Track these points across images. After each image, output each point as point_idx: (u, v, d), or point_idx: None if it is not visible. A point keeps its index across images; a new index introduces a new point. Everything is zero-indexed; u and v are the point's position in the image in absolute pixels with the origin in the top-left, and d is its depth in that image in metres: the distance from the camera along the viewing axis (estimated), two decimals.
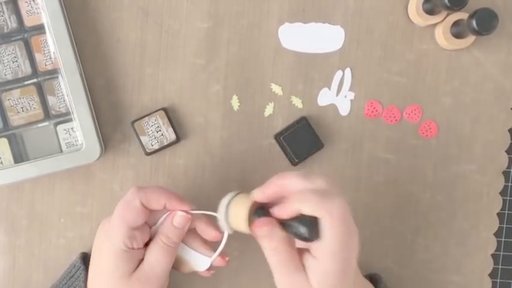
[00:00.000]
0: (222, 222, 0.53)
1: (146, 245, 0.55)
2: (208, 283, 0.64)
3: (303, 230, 0.49)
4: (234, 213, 0.52)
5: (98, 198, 0.63)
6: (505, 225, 0.66)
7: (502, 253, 0.66)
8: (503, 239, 0.66)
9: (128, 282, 0.53)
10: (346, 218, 0.48)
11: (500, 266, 0.66)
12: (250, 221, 0.51)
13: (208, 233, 0.56)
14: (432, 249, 0.65)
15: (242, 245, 0.64)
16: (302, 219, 0.49)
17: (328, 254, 0.48)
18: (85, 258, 0.60)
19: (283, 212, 0.50)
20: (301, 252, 0.51)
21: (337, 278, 0.49)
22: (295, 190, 0.50)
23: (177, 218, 0.54)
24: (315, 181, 0.50)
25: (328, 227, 0.48)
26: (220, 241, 0.55)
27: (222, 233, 0.54)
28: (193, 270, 0.57)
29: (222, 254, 0.56)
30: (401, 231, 0.65)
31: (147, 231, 0.54)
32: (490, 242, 0.65)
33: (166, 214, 0.55)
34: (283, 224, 0.50)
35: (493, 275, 0.65)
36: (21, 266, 0.64)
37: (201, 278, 0.64)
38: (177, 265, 0.57)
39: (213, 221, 0.55)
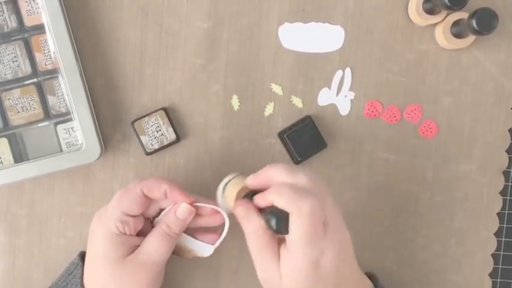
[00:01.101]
0: (219, 201, 0.56)
1: (139, 234, 0.55)
2: (209, 283, 0.64)
3: (272, 221, 0.50)
4: (227, 194, 0.54)
5: (98, 198, 0.63)
6: (505, 225, 0.66)
7: (502, 253, 0.66)
8: (503, 239, 0.66)
9: (121, 265, 0.53)
10: (315, 219, 0.48)
11: (500, 266, 0.66)
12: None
13: (211, 219, 0.56)
14: (432, 249, 0.65)
15: (242, 245, 0.64)
16: (274, 211, 0.50)
17: (296, 249, 0.49)
18: (84, 256, 0.60)
19: (261, 200, 0.52)
20: (281, 242, 0.51)
21: (306, 274, 0.49)
22: (277, 181, 0.51)
23: (180, 209, 0.55)
24: (298, 177, 0.51)
25: (295, 224, 0.49)
26: (223, 227, 0.56)
27: (223, 219, 0.56)
28: (196, 256, 0.57)
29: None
30: (401, 231, 0.65)
31: (140, 220, 0.55)
32: (490, 242, 0.65)
33: (171, 206, 0.56)
34: (261, 211, 0.52)
35: (493, 275, 0.65)
36: (21, 266, 0.64)
37: (201, 277, 0.64)
38: (180, 252, 0.57)
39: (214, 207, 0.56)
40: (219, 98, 0.64)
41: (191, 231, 0.57)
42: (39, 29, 0.60)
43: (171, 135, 0.62)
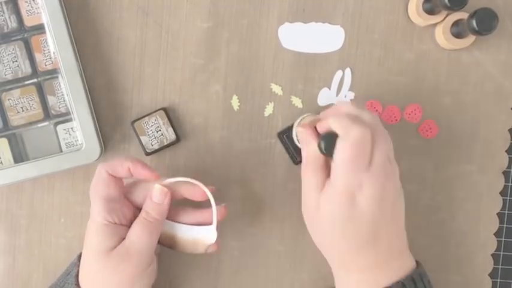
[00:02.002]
0: (294, 132, 0.61)
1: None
2: (208, 283, 0.64)
3: (322, 142, 0.52)
4: (300, 125, 0.58)
5: None
6: (505, 225, 0.66)
7: (502, 253, 0.66)
8: (503, 239, 0.66)
9: (108, 257, 0.53)
10: (360, 146, 0.50)
11: (500, 266, 0.66)
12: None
13: (194, 193, 0.56)
14: (432, 249, 0.65)
15: (242, 245, 0.64)
16: (327, 134, 0.52)
17: (336, 173, 0.51)
18: None
19: (321, 124, 0.54)
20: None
21: (340, 204, 0.51)
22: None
23: (154, 192, 0.55)
24: (364, 112, 0.53)
25: (340, 146, 0.50)
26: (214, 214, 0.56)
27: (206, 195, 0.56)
28: (205, 248, 0.57)
29: (219, 208, 0.57)
30: None
31: (128, 206, 0.55)
32: (490, 242, 0.65)
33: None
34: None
35: (493, 275, 0.65)
36: (21, 266, 0.64)
37: (201, 277, 0.64)
38: (188, 248, 0.57)
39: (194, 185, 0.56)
40: (219, 98, 0.64)
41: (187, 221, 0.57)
42: (39, 29, 0.60)
43: (171, 135, 0.62)
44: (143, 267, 0.54)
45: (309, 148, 0.54)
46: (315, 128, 0.55)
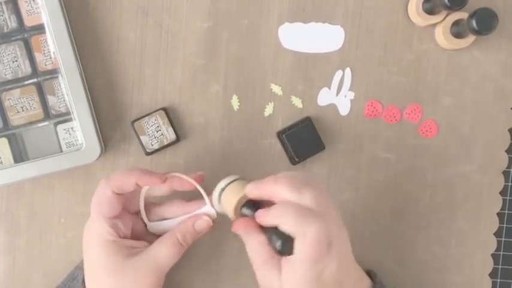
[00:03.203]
0: (214, 202, 0.55)
1: (132, 233, 0.55)
2: (209, 283, 0.64)
3: (277, 243, 0.50)
4: (225, 200, 0.54)
5: None
6: (505, 225, 0.66)
7: (502, 253, 0.66)
8: (503, 239, 0.66)
9: (123, 269, 0.53)
10: (320, 243, 0.48)
11: (500, 266, 0.66)
12: (237, 212, 0.53)
13: (183, 184, 0.55)
14: (432, 249, 0.65)
15: (242, 245, 0.64)
16: (279, 232, 0.49)
17: (301, 267, 0.49)
18: None
19: (264, 218, 0.51)
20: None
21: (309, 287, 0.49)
22: (282, 199, 0.50)
23: (200, 222, 0.55)
24: (304, 196, 0.49)
25: (300, 247, 0.48)
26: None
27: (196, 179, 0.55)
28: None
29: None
30: (401, 231, 0.65)
31: (128, 217, 0.55)
32: (490, 242, 0.65)
33: (190, 215, 0.56)
34: (263, 228, 0.51)
35: (493, 275, 0.65)
36: (21, 266, 0.64)
37: (201, 277, 0.64)
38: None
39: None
40: (219, 98, 0.64)
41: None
42: (39, 29, 0.60)
43: (171, 135, 0.62)
44: (157, 283, 0.54)
45: (253, 242, 0.51)
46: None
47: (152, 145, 0.62)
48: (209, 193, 0.56)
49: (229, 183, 0.54)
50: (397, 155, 0.64)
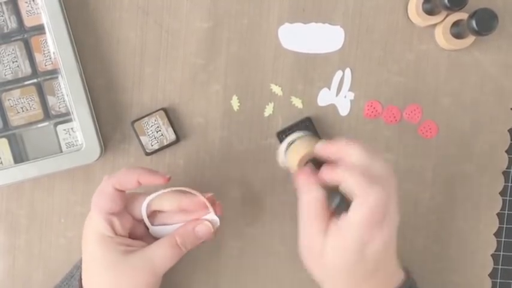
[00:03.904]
0: (281, 159, 0.57)
1: (133, 236, 0.55)
2: (209, 283, 0.64)
3: (335, 200, 0.50)
4: (292, 151, 0.55)
5: None
6: (505, 225, 0.66)
7: (502, 253, 0.66)
8: (503, 239, 0.66)
9: (119, 267, 0.52)
10: (378, 210, 0.49)
11: (500, 266, 0.66)
12: (301, 166, 0.54)
13: (192, 205, 0.55)
14: (432, 249, 0.65)
15: (242, 245, 0.64)
16: (338, 192, 0.50)
17: (350, 230, 0.49)
18: None
19: (330, 173, 0.51)
20: (332, 215, 0.52)
21: (350, 254, 0.50)
22: (351, 162, 0.51)
23: (201, 226, 0.55)
24: (374, 162, 0.50)
25: (357, 209, 0.49)
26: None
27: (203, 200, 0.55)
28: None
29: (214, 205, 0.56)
30: (401, 231, 0.65)
31: (127, 218, 0.55)
32: (490, 242, 0.65)
33: (190, 221, 0.55)
34: (323, 186, 0.52)
35: (493, 275, 0.65)
36: (21, 266, 0.64)
37: (201, 277, 0.64)
38: None
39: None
40: (219, 98, 0.64)
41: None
42: (39, 29, 0.60)
43: (171, 136, 0.62)
44: (154, 284, 0.54)
45: (310, 196, 0.52)
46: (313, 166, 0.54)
47: (152, 145, 0.62)
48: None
49: (296, 139, 0.55)
50: (397, 155, 0.64)
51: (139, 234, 0.56)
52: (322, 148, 0.53)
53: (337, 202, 0.51)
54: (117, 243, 0.53)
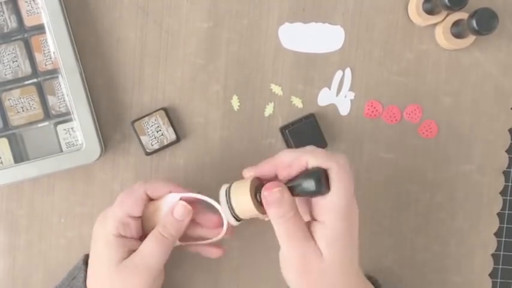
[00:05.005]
0: (225, 211, 0.52)
1: (141, 239, 0.55)
2: (209, 282, 0.64)
3: (310, 183, 0.49)
4: (236, 196, 0.52)
5: (98, 198, 0.63)
6: (505, 225, 0.66)
7: (502, 253, 0.66)
8: (503, 239, 0.66)
9: (117, 269, 0.52)
10: (350, 171, 0.50)
11: (500, 266, 0.66)
12: (255, 203, 0.51)
13: (209, 220, 0.56)
14: (432, 249, 0.65)
15: (242, 245, 0.64)
16: (308, 173, 0.49)
17: (334, 213, 0.49)
18: (87, 261, 0.60)
19: (289, 170, 0.51)
20: (308, 224, 0.51)
21: (345, 239, 0.50)
22: (307, 157, 0.50)
23: (177, 208, 0.54)
24: (315, 152, 0.51)
25: (336, 178, 0.49)
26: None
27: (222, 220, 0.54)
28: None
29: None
30: (401, 231, 0.65)
31: (140, 222, 0.55)
32: (490, 242, 0.65)
33: (169, 207, 0.54)
34: (290, 188, 0.50)
35: (493, 275, 0.65)
36: (21, 266, 0.64)
37: (201, 277, 0.64)
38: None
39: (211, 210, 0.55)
40: (219, 98, 0.64)
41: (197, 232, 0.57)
42: (39, 29, 0.60)
43: (171, 135, 0.62)
44: (151, 281, 0.53)
45: (284, 207, 0.50)
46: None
47: (152, 145, 0.62)
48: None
49: (228, 187, 0.53)
50: (397, 155, 0.64)
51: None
52: (258, 168, 0.53)
53: (314, 181, 0.49)
54: (122, 245, 0.53)
